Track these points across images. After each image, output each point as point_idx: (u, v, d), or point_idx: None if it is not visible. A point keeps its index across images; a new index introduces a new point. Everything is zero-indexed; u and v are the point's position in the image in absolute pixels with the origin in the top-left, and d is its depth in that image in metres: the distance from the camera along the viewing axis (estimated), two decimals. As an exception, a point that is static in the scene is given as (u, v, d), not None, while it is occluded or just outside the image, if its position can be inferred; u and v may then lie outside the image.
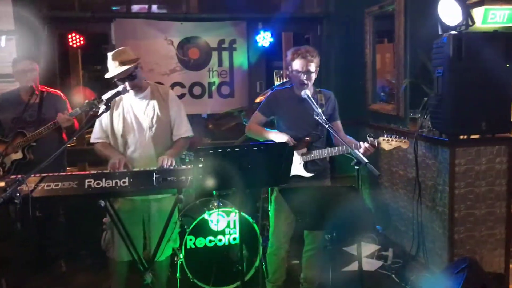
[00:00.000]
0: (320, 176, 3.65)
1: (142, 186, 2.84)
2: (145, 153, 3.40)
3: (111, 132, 3.43)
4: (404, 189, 4.73)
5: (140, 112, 3.43)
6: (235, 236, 4.17)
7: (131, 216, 3.36)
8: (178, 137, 3.52)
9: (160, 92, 3.51)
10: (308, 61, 3.49)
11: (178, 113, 3.53)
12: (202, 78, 5.90)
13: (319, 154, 3.54)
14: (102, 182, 2.81)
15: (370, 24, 5.48)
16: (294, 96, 3.64)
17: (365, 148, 3.36)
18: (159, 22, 5.70)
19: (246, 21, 5.88)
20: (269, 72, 7.65)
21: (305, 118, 3.58)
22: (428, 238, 4.33)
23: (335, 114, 3.70)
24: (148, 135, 3.41)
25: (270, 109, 3.71)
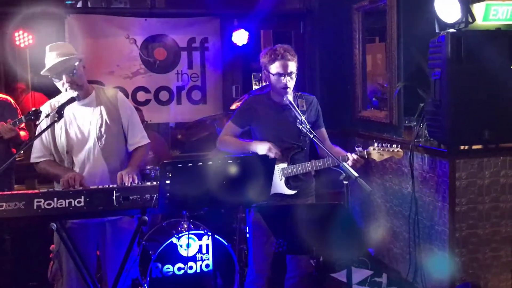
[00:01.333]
0: (303, 193, 3.64)
1: (100, 207, 2.79)
2: (95, 169, 3.30)
3: (54, 149, 3.33)
4: (399, 206, 4.76)
5: (85, 121, 3.33)
6: (208, 262, 4.14)
7: (83, 242, 3.28)
8: (134, 146, 3.45)
9: (107, 96, 3.42)
10: (289, 60, 3.50)
11: (131, 119, 3.46)
12: (169, 82, 5.88)
13: (302, 168, 3.53)
14: (53, 202, 2.75)
15: (359, 21, 5.54)
16: (272, 102, 3.64)
17: (354, 160, 3.37)
18: (120, 18, 5.67)
19: (219, 18, 5.90)
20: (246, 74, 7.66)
21: (286, 128, 3.58)
22: (427, 262, 4.36)
23: (319, 121, 3.70)
24: (97, 148, 3.32)
25: (245, 118, 3.69)
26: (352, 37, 5.61)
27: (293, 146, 3.60)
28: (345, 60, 5.74)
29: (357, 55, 5.59)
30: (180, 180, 2.73)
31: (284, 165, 3.56)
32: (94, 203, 2.79)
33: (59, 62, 3.17)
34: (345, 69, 5.76)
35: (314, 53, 6.01)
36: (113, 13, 5.77)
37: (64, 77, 3.20)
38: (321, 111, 3.72)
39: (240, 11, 5.99)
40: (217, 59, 5.96)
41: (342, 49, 5.78)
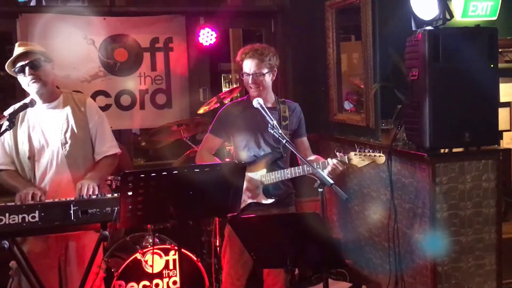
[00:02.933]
0: (283, 202, 3.67)
1: (56, 222, 2.79)
2: (58, 178, 3.30)
3: (16, 156, 3.32)
4: (378, 214, 4.79)
5: (50, 126, 3.34)
6: (175, 279, 4.11)
7: (43, 260, 3.25)
8: (101, 155, 3.46)
9: (76, 101, 3.44)
10: (258, 60, 3.53)
11: (100, 126, 3.47)
12: (131, 85, 5.83)
13: (280, 175, 3.55)
14: (5, 218, 2.73)
15: (332, 18, 5.58)
16: (249, 108, 3.66)
17: (333, 165, 3.39)
18: (76, 18, 5.60)
19: (185, 16, 5.88)
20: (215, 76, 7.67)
21: (264, 134, 3.62)
22: (408, 272, 4.39)
23: (301, 129, 3.75)
24: (61, 154, 3.32)
25: (223, 128, 3.71)
26: (325, 35, 5.65)
27: (272, 152, 3.62)
28: (319, 60, 5.77)
29: (331, 55, 5.62)
30: (143, 191, 2.72)
31: (263, 172, 3.57)
32: (50, 218, 2.77)
33: (22, 53, 3.20)
34: (319, 69, 5.80)
35: (287, 53, 6.03)
36: (69, 12, 5.69)
37: (26, 70, 3.21)
38: (303, 120, 3.76)
39: (206, 9, 5.98)
40: (182, 60, 5.93)
41: (316, 48, 5.82)
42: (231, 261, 3.72)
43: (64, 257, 3.39)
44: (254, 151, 3.64)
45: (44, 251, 3.29)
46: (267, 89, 3.66)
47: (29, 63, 3.23)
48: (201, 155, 3.74)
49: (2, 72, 7.77)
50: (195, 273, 4.09)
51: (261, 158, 3.62)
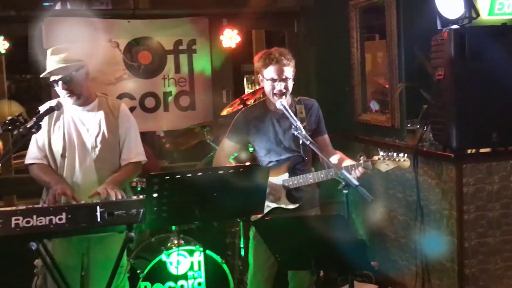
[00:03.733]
0: (307, 204, 3.64)
1: (83, 224, 2.80)
2: (86, 179, 3.35)
3: (49, 152, 3.39)
4: (404, 215, 4.77)
5: (82, 128, 3.40)
6: (200, 280, 4.13)
7: (66, 260, 3.29)
8: (126, 161, 3.49)
9: (110, 106, 3.49)
10: (284, 65, 3.49)
11: (129, 133, 3.51)
12: (155, 88, 5.86)
13: (303, 180, 3.52)
14: (33, 220, 2.75)
15: (356, 18, 5.56)
16: (267, 112, 3.64)
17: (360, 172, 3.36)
18: (101, 21, 5.65)
19: (208, 18, 5.90)
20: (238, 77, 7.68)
21: (284, 138, 3.59)
22: (434, 274, 4.36)
23: (321, 127, 3.69)
24: (91, 158, 3.37)
25: (241, 133, 3.69)
26: (349, 35, 5.63)
27: (293, 156, 3.60)
28: (342, 60, 5.75)
29: (355, 55, 5.61)
30: (168, 193, 2.73)
31: (285, 176, 3.56)
32: (76, 220, 2.79)
33: (57, 69, 3.24)
34: (342, 69, 5.77)
35: (310, 53, 6.02)
36: (94, 15, 5.75)
37: (60, 85, 3.27)
38: (322, 117, 3.73)
39: (229, 11, 5.99)
40: (206, 62, 5.95)
41: (339, 48, 5.79)
42: (257, 263, 3.72)
43: (87, 258, 3.42)
44: (274, 156, 3.60)
45: (67, 252, 3.32)
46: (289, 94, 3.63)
47: (62, 79, 3.28)
48: (218, 160, 3.73)
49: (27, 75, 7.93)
50: (220, 275, 4.11)
51: (282, 163, 3.58)
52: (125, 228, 2.89)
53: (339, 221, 2.79)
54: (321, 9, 5.94)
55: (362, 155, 3.46)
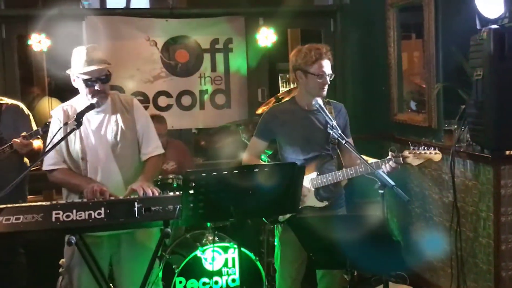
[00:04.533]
0: (334, 205, 3.63)
1: (121, 218, 2.84)
2: (109, 178, 3.35)
3: (68, 156, 3.38)
4: (440, 217, 4.72)
5: (100, 128, 3.39)
6: (234, 277, 4.16)
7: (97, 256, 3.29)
8: (147, 156, 3.48)
9: (123, 103, 3.49)
10: (330, 60, 3.51)
11: (146, 127, 3.51)
12: (192, 86, 5.92)
13: (332, 177, 3.52)
14: (72, 214, 2.80)
15: (393, 17, 5.52)
16: (297, 109, 3.63)
17: (390, 167, 3.34)
18: (140, 20, 5.74)
19: (244, 17, 5.92)
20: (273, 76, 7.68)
21: (314, 135, 3.58)
22: (470, 276, 4.31)
23: (347, 131, 3.67)
24: (112, 156, 3.37)
25: (269, 130, 3.68)
26: (386, 34, 5.59)
27: (322, 154, 3.59)
28: (379, 60, 5.72)
29: (392, 54, 5.57)
30: (204, 190, 2.76)
31: (313, 175, 3.55)
32: (115, 214, 2.83)
33: (96, 70, 3.26)
34: (379, 69, 5.74)
35: (346, 53, 6.00)
36: (133, 14, 5.84)
37: (97, 85, 3.28)
38: (349, 121, 3.72)
39: (265, 10, 6.01)
40: (241, 61, 5.98)
41: (376, 47, 5.77)
42: (284, 263, 3.72)
43: (117, 253, 3.44)
44: (303, 154, 3.59)
45: (98, 247, 3.33)
46: None
47: (101, 79, 3.30)
48: (247, 158, 3.72)
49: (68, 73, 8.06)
50: (253, 272, 4.12)
51: (310, 161, 3.57)
52: (161, 224, 2.92)
53: (375, 221, 2.78)
54: (358, 8, 5.93)
55: (393, 149, 3.43)
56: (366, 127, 3.78)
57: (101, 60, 3.31)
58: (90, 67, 3.26)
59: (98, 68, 3.26)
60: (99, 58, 3.30)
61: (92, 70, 3.26)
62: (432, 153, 3.38)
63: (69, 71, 3.35)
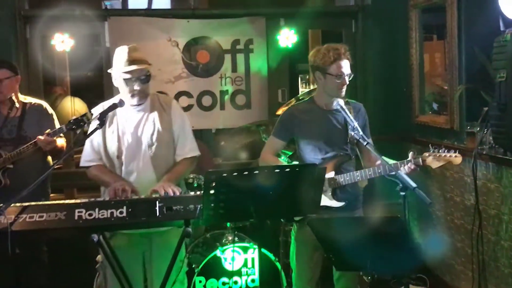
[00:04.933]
0: (351, 206, 3.62)
1: (143, 217, 2.86)
2: (144, 177, 3.39)
3: (105, 153, 3.44)
4: (461, 220, 4.69)
5: (137, 127, 3.44)
6: (254, 277, 4.16)
7: (128, 254, 3.36)
8: (181, 157, 3.52)
9: (161, 103, 3.53)
10: (348, 60, 3.51)
11: (182, 129, 3.54)
12: (212, 86, 5.94)
13: (350, 178, 3.51)
14: (95, 212, 2.83)
15: (416, 18, 5.49)
16: (316, 109, 3.64)
17: (409, 169, 3.32)
18: (161, 20, 5.78)
19: (265, 18, 5.93)
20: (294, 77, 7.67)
21: (333, 134, 3.58)
22: (492, 280, 4.27)
23: (366, 131, 3.65)
24: (147, 156, 3.42)
25: (287, 130, 3.69)
26: (408, 35, 5.56)
27: (340, 154, 3.59)
28: (401, 61, 5.69)
29: (413, 55, 5.54)
30: (225, 190, 2.77)
31: (331, 175, 3.54)
32: (137, 213, 2.85)
33: (137, 70, 3.30)
34: (400, 70, 5.71)
35: (367, 54, 5.97)
36: (155, 14, 5.88)
37: (136, 85, 3.33)
38: (368, 121, 3.70)
39: (287, 11, 6.01)
40: (262, 62, 5.99)
41: (397, 48, 5.74)
42: (299, 264, 3.72)
43: (148, 253, 3.49)
44: (321, 154, 3.59)
45: (129, 246, 3.39)
46: None
47: (142, 79, 3.34)
48: (264, 158, 3.72)
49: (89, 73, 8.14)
50: (273, 273, 4.12)
51: (329, 161, 3.57)
52: (182, 223, 2.94)
53: (396, 223, 2.76)
54: (379, 8, 5.91)
55: (413, 151, 3.41)
56: (387, 129, 3.76)
57: (142, 60, 3.34)
58: (131, 66, 3.29)
59: (138, 68, 3.30)
60: (140, 58, 3.34)
61: (132, 70, 3.29)
62: (452, 156, 3.35)
63: (110, 70, 3.40)
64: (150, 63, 3.39)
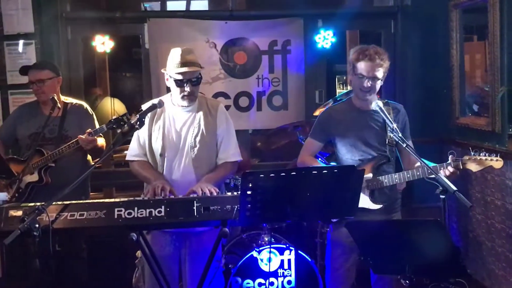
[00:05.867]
0: (389, 208, 3.59)
1: (180, 217, 2.88)
2: (184, 178, 3.43)
3: (149, 150, 3.50)
4: (502, 224, 4.60)
5: (183, 127, 3.48)
6: (290, 279, 4.15)
7: (164, 253, 3.40)
8: (223, 161, 3.55)
9: (209, 106, 3.56)
10: (376, 65, 3.45)
11: (227, 133, 3.57)
12: (249, 87, 5.96)
13: (388, 180, 3.47)
14: (134, 211, 2.87)
15: (456, 19, 5.41)
16: (353, 109, 3.62)
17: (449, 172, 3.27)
18: (199, 22, 5.82)
19: (303, 19, 5.92)
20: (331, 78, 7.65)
21: (370, 136, 3.55)
22: (534, 287, 4.18)
23: (406, 132, 3.61)
24: (189, 157, 3.45)
25: (324, 131, 3.68)
26: (448, 36, 5.48)
27: (378, 155, 3.55)
28: (441, 62, 5.61)
29: (454, 56, 5.45)
30: (262, 190, 2.77)
31: (369, 176, 3.51)
32: (175, 213, 2.88)
33: (188, 72, 3.34)
34: (440, 71, 5.63)
35: (406, 55, 5.89)
36: (193, 16, 5.93)
37: (187, 87, 3.37)
38: (408, 122, 3.66)
39: (325, 11, 5.98)
40: (299, 63, 5.97)
41: (437, 49, 5.66)
42: (334, 266, 3.71)
43: (185, 252, 3.52)
44: (359, 155, 3.57)
45: (166, 245, 3.43)
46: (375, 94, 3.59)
47: (192, 81, 3.38)
48: (303, 160, 3.72)
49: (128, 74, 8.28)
50: (309, 275, 4.11)
51: (367, 162, 3.54)
52: (219, 223, 2.96)
53: (436, 226, 2.73)
54: (419, 9, 5.82)
55: (453, 153, 3.35)
56: (426, 131, 3.71)
57: (194, 62, 3.39)
58: (183, 68, 3.34)
59: (190, 71, 3.34)
60: (192, 61, 3.38)
61: (184, 72, 3.34)
62: (493, 160, 3.28)
63: (164, 70, 3.45)
64: (202, 66, 3.43)
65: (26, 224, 2.67)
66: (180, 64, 3.34)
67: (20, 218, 2.78)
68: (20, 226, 2.67)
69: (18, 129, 4.39)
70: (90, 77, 6.54)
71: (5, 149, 4.47)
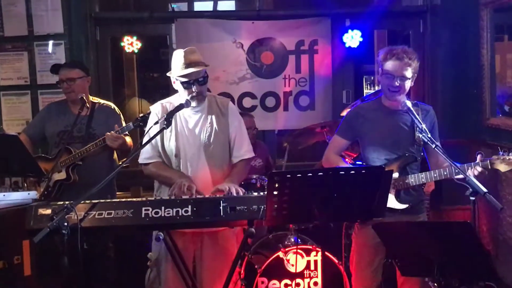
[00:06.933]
0: (415, 209, 3.56)
1: (207, 217, 2.90)
2: (199, 177, 3.43)
3: (163, 151, 3.51)
4: (534, 227, 4.52)
5: (195, 127, 3.48)
6: (316, 280, 4.14)
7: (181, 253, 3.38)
8: (238, 159, 3.55)
9: (219, 105, 3.56)
10: (405, 64, 3.42)
11: (239, 130, 3.57)
12: (276, 87, 5.96)
13: (415, 179, 3.45)
14: (161, 211, 2.89)
15: (487, 18, 5.32)
16: (382, 108, 3.59)
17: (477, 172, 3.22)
18: (226, 22, 5.84)
19: (330, 18, 5.89)
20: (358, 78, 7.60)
21: (398, 135, 3.53)
22: None
23: (434, 134, 3.56)
24: (204, 156, 3.45)
25: (351, 129, 3.67)
26: (479, 35, 5.40)
27: (405, 155, 3.52)
28: (471, 62, 5.53)
29: (484, 56, 5.37)
30: (289, 191, 2.76)
31: (395, 176, 3.48)
32: (201, 213, 2.89)
33: (194, 72, 3.33)
34: (470, 71, 5.55)
35: (436, 54, 5.83)
36: (220, 16, 5.95)
37: (194, 87, 3.36)
38: (437, 124, 3.62)
39: (352, 11, 5.96)
40: (327, 63, 5.95)
41: (467, 49, 5.59)
42: (359, 267, 3.69)
43: (199, 252, 3.52)
44: (385, 154, 3.55)
45: (181, 245, 3.41)
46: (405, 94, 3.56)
47: (199, 81, 3.37)
48: (328, 157, 3.71)
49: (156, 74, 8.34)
50: (336, 276, 4.08)
51: (393, 162, 3.51)
52: (245, 224, 2.96)
53: (465, 228, 2.69)
54: (449, 8, 5.77)
55: (481, 153, 3.30)
56: (456, 132, 3.66)
57: (199, 62, 3.38)
58: (188, 69, 3.33)
59: (196, 71, 3.33)
60: (197, 60, 3.37)
61: (190, 73, 3.33)
62: None
63: (169, 73, 3.46)
64: (207, 64, 3.41)
65: (55, 223, 2.71)
66: (185, 66, 3.34)
67: (49, 216, 2.83)
68: (49, 224, 2.72)
69: (47, 126, 4.46)
70: (118, 77, 6.60)
71: (33, 147, 4.53)
